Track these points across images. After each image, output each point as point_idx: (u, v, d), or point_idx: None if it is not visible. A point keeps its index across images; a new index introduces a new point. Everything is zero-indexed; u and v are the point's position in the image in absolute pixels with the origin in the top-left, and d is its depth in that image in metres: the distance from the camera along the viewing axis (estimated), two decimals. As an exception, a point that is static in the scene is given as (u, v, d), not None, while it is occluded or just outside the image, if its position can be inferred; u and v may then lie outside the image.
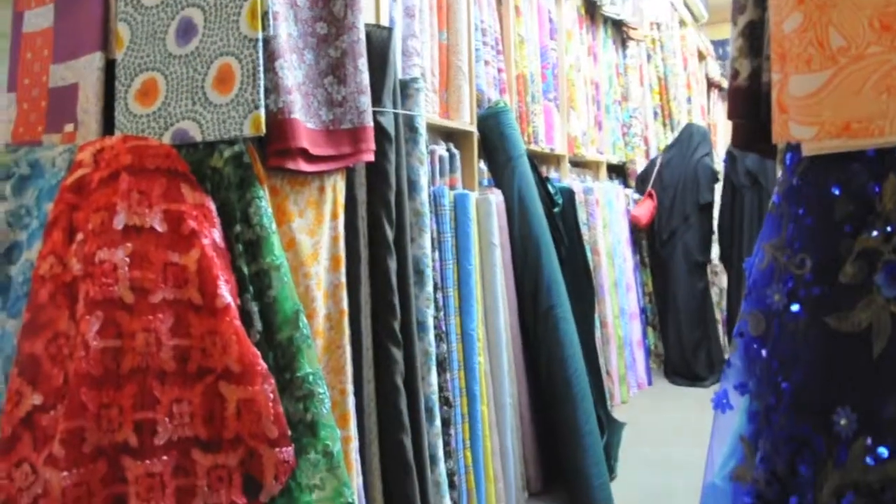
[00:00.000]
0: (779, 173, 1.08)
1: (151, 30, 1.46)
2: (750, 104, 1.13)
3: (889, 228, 0.89)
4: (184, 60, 1.44)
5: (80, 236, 1.26)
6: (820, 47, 0.96)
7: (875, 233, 0.90)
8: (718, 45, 6.24)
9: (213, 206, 1.35)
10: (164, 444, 1.22)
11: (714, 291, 4.78)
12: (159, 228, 1.27)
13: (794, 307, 0.95)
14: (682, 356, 4.42)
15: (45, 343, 1.24)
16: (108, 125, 1.50)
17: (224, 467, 1.26)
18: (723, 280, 4.81)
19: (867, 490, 0.83)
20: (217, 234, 1.34)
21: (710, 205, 4.41)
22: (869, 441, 0.84)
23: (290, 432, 1.33)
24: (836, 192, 0.95)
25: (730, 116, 1.16)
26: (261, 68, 1.39)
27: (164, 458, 1.21)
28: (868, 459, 0.84)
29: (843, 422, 0.87)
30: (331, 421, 1.41)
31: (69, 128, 1.51)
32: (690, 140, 4.58)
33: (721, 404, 1.07)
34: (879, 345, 0.86)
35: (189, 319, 1.28)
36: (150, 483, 1.19)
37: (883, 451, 0.82)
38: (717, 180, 4.46)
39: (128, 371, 1.21)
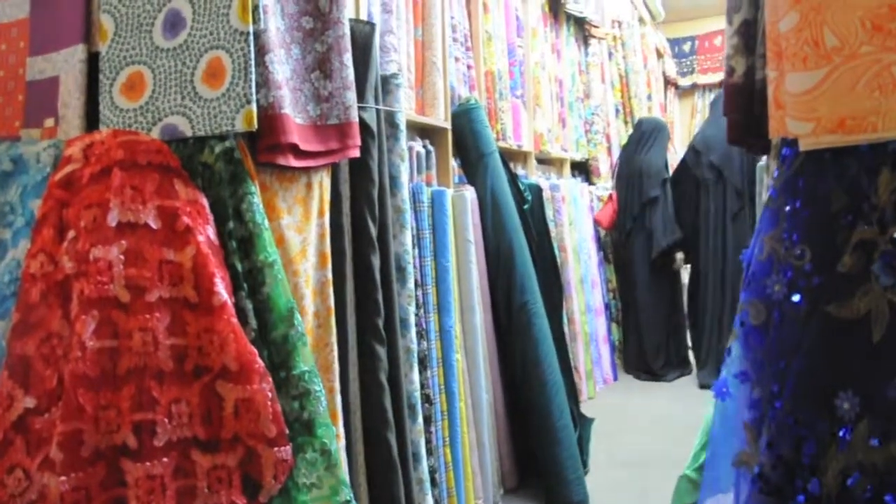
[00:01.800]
0: (772, 168, 1.11)
1: (137, 22, 1.43)
2: (745, 100, 1.16)
3: (884, 220, 0.93)
4: (171, 54, 1.41)
5: (71, 233, 1.23)
6: (815, 46, 0.99)
7: (871, 225, 0.94)
8: (675, 43, 6.37)
9: (206, 203, 1.33)
10: (163, 445, 1.19)
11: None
12: (153, 225, 1.24)
13: (795, 297, 0.98)
14: (643, 353, 4.49)
15: (38, 343, 1.21)
16: (90, 120, 1.46)
17: (224, 468, 1.24)
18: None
19: (872, 470, 0.87)
20: (211, 231, 1.31)
21: (658, 199, 4.42)
22: (873, 422, 0.87)
23: (287, 431, 1.32)
24: (832, 186, 0.99)
25: (725, 112, 1.19)
26: (252, 62, 1.37)
27: (165, 459, 1.19)
28: (872, 441, 0.87)
29: (845, 405, 0.91)
30: (327, 419, 1.40)
31: (49, 122, 1.46)
32: (641, 137, 4.63)
33: (721, 392, 1.10)
34: (878, 331, 0.90)
35: (185, 318, 1.25)
36: (151, 485, 1.16)
37: (885, 430, 0.86)
38: (663, 176, 4.47)
39: (125, 372, 1.18)
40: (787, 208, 1.01)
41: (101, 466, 1.16)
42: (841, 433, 0.90)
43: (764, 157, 1.48)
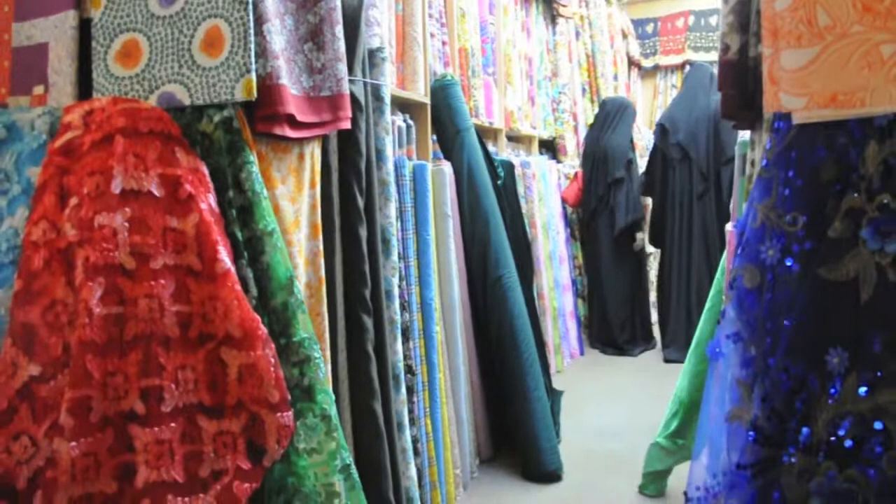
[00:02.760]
0: (765, 140, 1.17)
1: (132, -11, 1.41)
2: (739, 76, 1.21)
3: (871, 189, 0.99)
4: (168, 21, 1.40)
5: (73, 200, 1.22)
6: (809, 25, 1.05)
7: (859, 193, 1.00)
8: (638, 24, 6.45)
9: (206, 171, 1.33)
10: (170, 410, 1.21)
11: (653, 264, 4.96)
12: (157, 193, 1.25)
13: (788, 261, 1.04)
14: (608, 327, 4.60)
15: (42, 311, 1.20)
16: (82, 87, 1.44)
17: (229, 433, 1.26)
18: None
19: (860, 419, 0.93)
20: (212, 199, 1.32)
21: (623, 180, 4.51)
22: (861, 374, 0.94)
23: (289, 397, 1.34)
24: (823, 156, 1.04)
25: (720, 88, 1.24)
26: (251, 31, 1.37)
27: (172, 424, 1.20)
28: (860, 391, 0.94)
29: (835, 360, 0.98)
30: (326, 385, 1.43)
31: (39, 90, 1.44)
32: (606, 117, 4.70)
33: (714, 353, 1.16)
34: (867, 291, 0.96)
35: (189, 285, 1.26)
36: (159, 450, 1.17)
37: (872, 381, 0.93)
38: (627, 156, 4.56)
39: (131, 338, 1.19)
40: (781, 178, 1.06)
41: (109, 432, 1.16)
42: (830, 386, 0.97)
43: (746, 133, 1.54)
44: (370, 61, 2.05)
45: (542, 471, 2.71)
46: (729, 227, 2.00)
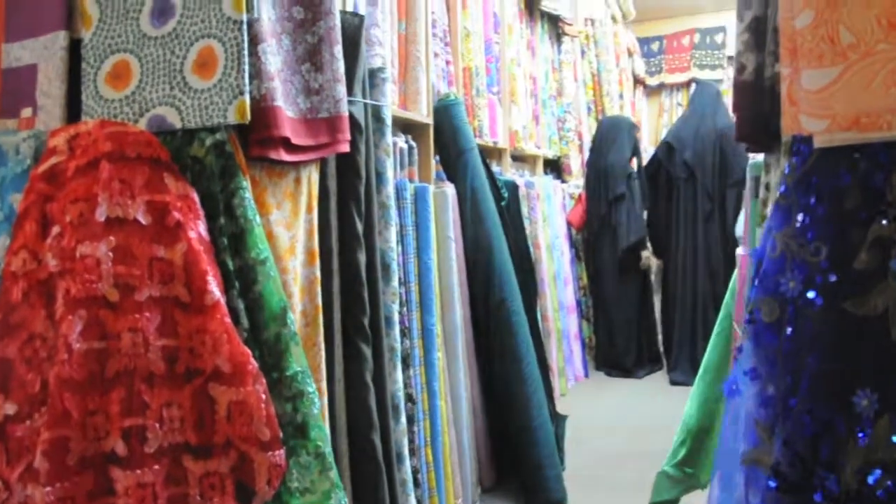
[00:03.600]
0: (783, 165, 1.11)
1: (123, 8, 1.36)
2: (755, 97, 1.15)
3: None
4: (160, 42, 1.35)
5: (56, 229, 1.17)
6: (831, 43, 0.99)
7: (886, 221, 0.94)
8: (643, 42, 6.43)
9: (196, 198, 1.28)
10: (154, 451, 1.14)
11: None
12: (143, 221, 1.19)
13: (810, 293, 0.98)
14: (613, 350, 4.52)
15: (20, 346, 1.14)
16: (72, 110, 1.39)
17: (216, 474, 1.19)
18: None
19: (894, 467, 0.86)
20: (202, 227, 1.26)
21: (623, 196, 4.41)
22: (894, 418, 0.87)
23: (281, 434, 1.28)
24: (847, 182, 0.98)
25: (735, 109, 1.18)
26: (245, 52, 1.32)
27: (156, 466, 1.13)
28: (894, 438, 0.87)
29: (864, 402, 0.91)
30: (320, 421, 1.37)
31: (27, 112, 1.39)
32: (602, 137, 4.62)
33: (731, 391, 1.09)
34: None
35: (176, 317, 1.20)
36: (142, 494, 1.11)
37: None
38: (627, 171, 4.47)
39: (114, 374, 1.13)
40: (801, 205, 1.00)
41: (88, 475, 1.10)
42: (859, 430, 0.90)
43: (759, 156, 1.48)
44: (371, 81, 2.00)
45: (546, 500, 2.63)
46: (740, 251, 1.94)
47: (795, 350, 0.98)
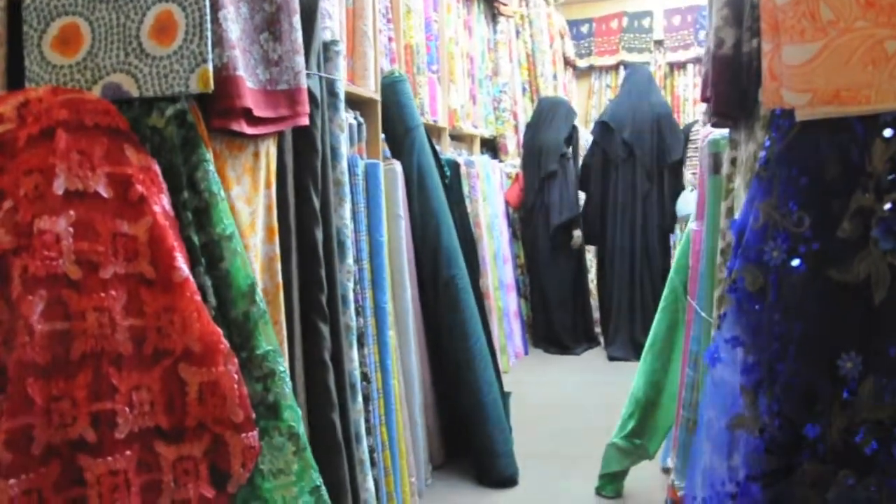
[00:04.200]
0: (762, 138, 1.13)
1: (70, -33, 1.27)
2: (733, 72, 1.17)
3: (880, 188, 0.97)
4: (112, 5, 1.27)
5: (8, 203, 1.08)
6: (812, 19, 1.01)
7: (867, 192, 0.97)
8: (573, 25, 6.49)
9: (158, 170, 1.21)
10: (125, 437, 1.08)
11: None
12: (104, 194, 1.12)
13: (795, 262, 1.01)
14: (551, 326, 4.59)
15: (-27, 329, 1.06)
16: (12, 77, 1.29)
17: (190, 458, 1.14)
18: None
19: (877, 426, 0.90)
20: (166, 201, 1.20)
21: (556, 173, 4.50)
22: (878, 380, 0.91)
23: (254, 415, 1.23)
24: (827, 155, 1.01)
25: (713, 84, 1.20)
26: (208, 17, 1.25)
27: (127, 452, 1.08)
28: (876, 397, 0.91)
29: (848, 365, 0.94)
30: (293, 401, 1.33)
31: (-37, 79, 1.28)
32: (540, 115, 4.71)
33: (713, 358, 1.12)
34: (880, 293, 0.93)
35: (142, 296, 1.14)
36: (114, 482, 1.05)
37: (891, 387, 0.90)
38: (562, 153, 4.54)
39: (79, 357, 1.06)
40: (783, 177, 1.03)
41: (55, 465, 1.03)
42: (844, 392, 0.93)
43: (718, 132, 1.51)
44: (324, 55, 1.94)
45: (499, 476, 2.66)
46: (693, 226, 1.99)
47: (781, 317, 1.00)
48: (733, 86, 1.16)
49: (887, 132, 0.96)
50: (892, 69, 0.96)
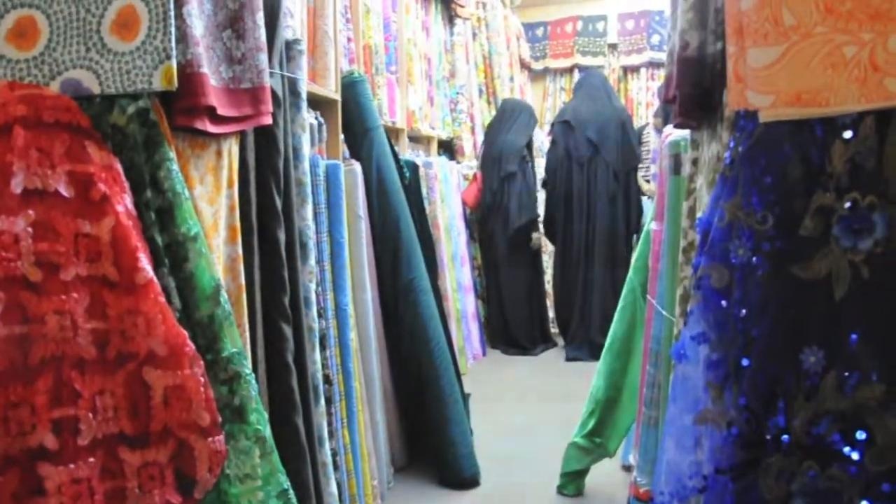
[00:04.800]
0: (727, 139, 1.16)
1: (27, -41, 1.23)
2: (698, 74, 1.20)
3: (840, 188, 1.00)
4: (71, -2, 1.23)
5: (-37, 202, 1.04)
6: (775, 24, 1.04)
7: (828, 191, 1.01)
8: (528, 28, 6.55)
9: (121, 169, 1.18)
10: (88, 443, 1.05)
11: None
12: (65, 193, 1.08)
13: (757, 259, 1.03)
14: (508, 328, 4.62)
15: (-73, 334, 1.01)
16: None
17: (155, 464, 1.12)
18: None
19: (840, 416, 0.93)
20: (129, 201, 1.17)
21: (515, 175, 4.53)
22: (839, 373, 0.94)
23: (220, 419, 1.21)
24: (789, 155, 1.04)
25: (677, 86, 1.22)
26: (171, 13, 1.23)
27: (91, 459, 1.05)
28: (838, 389, 0.94)
29: (811, 359, 0.97)
30: (259, 404, 1.31)
31: (-90, 73, 1.22)
32: (503, 117, 4.75)
33: (679, 355, 1.14)
34: (841, 289, 0.96)
35: (104, 298, 1.11)
36: (76, 490, 1.02)
37: (852, 379, 0.93)
38: (521, 155, 4.58)
39: (39, 362, 1.02)
40: (747, 176, 1.05)
41: (13, 474, 1.00)
42: (808, 384, 0.96)
43: (683, 132, 1.54)
44: (287, 54, 1.92)
45: (460, 477, 2.66)
46: (653, 226, 2.02)
47: (745, 313, 1.03)
48: (698, 87, 1.19)
49: (847, 133, 0.99)
50: (850, 73, 0.99)
